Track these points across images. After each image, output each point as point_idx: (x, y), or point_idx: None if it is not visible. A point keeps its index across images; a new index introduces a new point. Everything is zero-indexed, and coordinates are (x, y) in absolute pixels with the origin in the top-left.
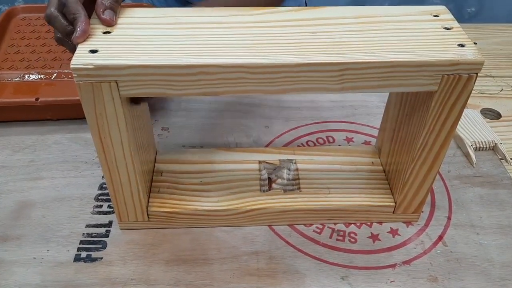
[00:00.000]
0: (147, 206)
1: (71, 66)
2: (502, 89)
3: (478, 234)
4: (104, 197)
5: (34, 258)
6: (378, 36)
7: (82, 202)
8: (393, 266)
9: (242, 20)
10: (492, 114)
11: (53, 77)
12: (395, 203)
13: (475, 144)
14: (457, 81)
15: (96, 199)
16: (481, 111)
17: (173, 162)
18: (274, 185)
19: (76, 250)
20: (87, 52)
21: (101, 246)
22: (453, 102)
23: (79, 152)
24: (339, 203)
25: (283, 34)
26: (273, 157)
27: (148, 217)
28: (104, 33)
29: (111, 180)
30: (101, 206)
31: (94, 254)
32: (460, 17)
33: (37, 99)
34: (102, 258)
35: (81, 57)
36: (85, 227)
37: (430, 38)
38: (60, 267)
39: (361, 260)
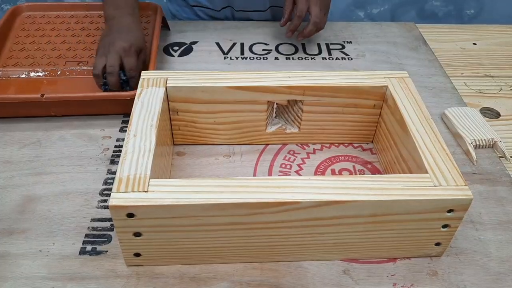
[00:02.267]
0: None
1: None
2: (501, 89)
3: (477, 230)
4: (109, 192)
5: (40, 251)
6: (379, 236)
7: (87, 197)
8: (393, 260)
9: (262, 220)
10: (491, 114)
11: (58, 74)
12: None
13: (475, 142)
14: None
15: (101, 193)
16: (480, 110)
17: (186, 101)
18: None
19: (81, 243)
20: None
21: (106, 239)
22: None
23: (83, 148)
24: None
25: (296, 235)
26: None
27: None
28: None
29: None
30: (106, 200)
31: (99, 248)
32: (460, 19)
33: (42, 95)
34: (107, 251)
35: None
36: (90, 221)
37: (421, 238)
38: (66, 260)
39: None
